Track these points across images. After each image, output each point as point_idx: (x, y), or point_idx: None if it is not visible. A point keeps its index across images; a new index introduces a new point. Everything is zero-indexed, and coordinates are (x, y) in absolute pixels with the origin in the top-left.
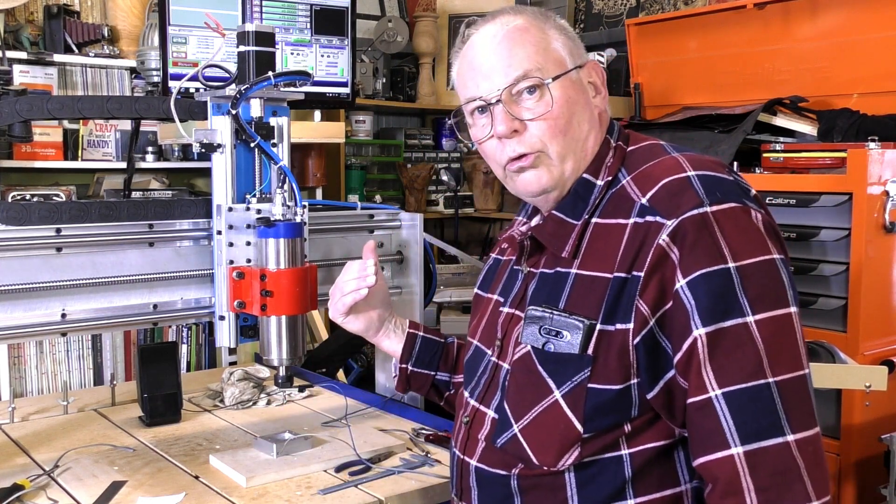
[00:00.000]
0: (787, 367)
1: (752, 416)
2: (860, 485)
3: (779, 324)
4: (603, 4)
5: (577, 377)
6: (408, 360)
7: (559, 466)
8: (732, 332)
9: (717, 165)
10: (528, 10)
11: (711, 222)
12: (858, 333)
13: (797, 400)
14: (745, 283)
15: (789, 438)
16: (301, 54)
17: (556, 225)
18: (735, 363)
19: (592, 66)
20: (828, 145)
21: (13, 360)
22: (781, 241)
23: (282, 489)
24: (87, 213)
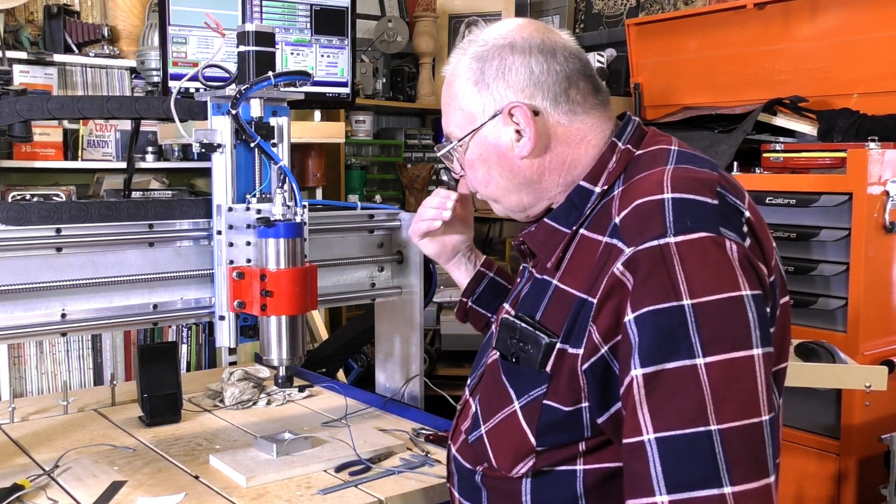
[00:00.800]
0: (736, 415)
1: (685, 464)
2: (860, 485)
3: (734, 367)
4: (603, 4)
5: (534, 392)
6: (470, 295)
7: (513, 474)
8: (674, 375)
9: (701, 186)
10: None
11: (671, 255)
12: (858, 333)
13: (744, 450)
14: (700, 322)
15: (726, 491)
16: (301, 54)
17: (548, 233)
18: (674, 407)
19: (512, 108)
20: (828, 145)
21: (13, 360)
22: (759, 276)
23: (282, 489)
24: (87, 213)
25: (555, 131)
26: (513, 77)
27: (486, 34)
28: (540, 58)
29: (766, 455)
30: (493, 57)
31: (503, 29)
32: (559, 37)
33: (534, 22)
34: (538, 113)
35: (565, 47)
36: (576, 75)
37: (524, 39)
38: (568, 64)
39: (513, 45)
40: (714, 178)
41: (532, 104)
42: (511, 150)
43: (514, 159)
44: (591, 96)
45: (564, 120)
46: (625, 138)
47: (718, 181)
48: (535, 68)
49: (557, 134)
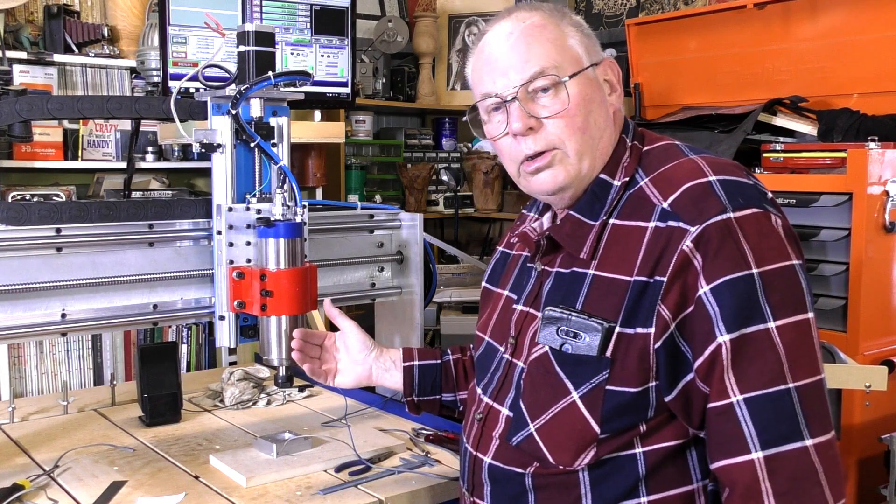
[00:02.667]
0: (806, 373)
1: (773, 421)
2: (860, 485)
3: (799, 329)
4: (603, 4)
5: (595, 379)
6: (411, 392)
7: (575, 466)
8: (755, 338)
9: (736, 169)
10: (544, 6)
11: (735, 228)
12: (858, 333)
13: (816, 404)
14: (768, 289)
15: (808, 443)
16: (301, 54)
17: (574, 225)
18: (757, 369)
19: (609, 63)
20: (828, 145)
21: (13, 360)
22: (799, 247)
23: (282, 489)
24: (87, 213)
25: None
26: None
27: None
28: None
29: (828, 409)
30: (583, 24)
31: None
32: None
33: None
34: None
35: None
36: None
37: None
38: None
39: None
40: (739, 164)
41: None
42: (606, 99)
43: (608, 108)
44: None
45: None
46: (630, 136)
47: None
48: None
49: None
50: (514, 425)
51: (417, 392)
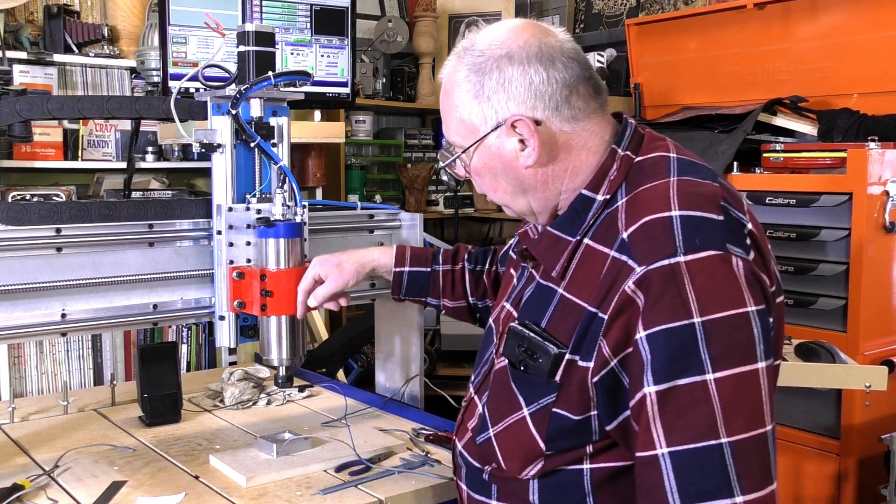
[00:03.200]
0: (744, 427)
1: (699, 477)
2: (860, 485)
3: (740, 382)
4: (603, 4)
5: (543, 400)
6: (398, 293)
7: (522, 476)
8: (687, 390)
9: (708, 202)
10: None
11: (682, 274)
12: (858, 333)
13: (753, 460)
14: (710, 338)
15: (737, 500)
16: (301, 54)
17: (551, 241)
18: (686, 422)
19: (514, 121)
20: (828, 145)
21: (13, 360)
22: (764, 290)
23: (282, 489)
24: (87, 213)
25: (558, 139)
26: (513, 89)
27: (482, 42)
28: (539, 67)
29: (771, 463)
30: (491, 69)
31: (499, 36)
32: (556, 38)
33: (529, 24)
34: (540, 123)
35: (563, 51)
36: (575, 80)
37: (521, 48)
38: (567, 70)
39: (510, 56)
40: (717, 192)
41: (533, 115)
42: (515, 160)
43: (519, 168)
44: (591, 100)
45: (567, 127)
46: (624, 144)
47: (721, 194)
48: (534, 78)
49: (560, 142)
50: (480, 426)
51: (404, 293)
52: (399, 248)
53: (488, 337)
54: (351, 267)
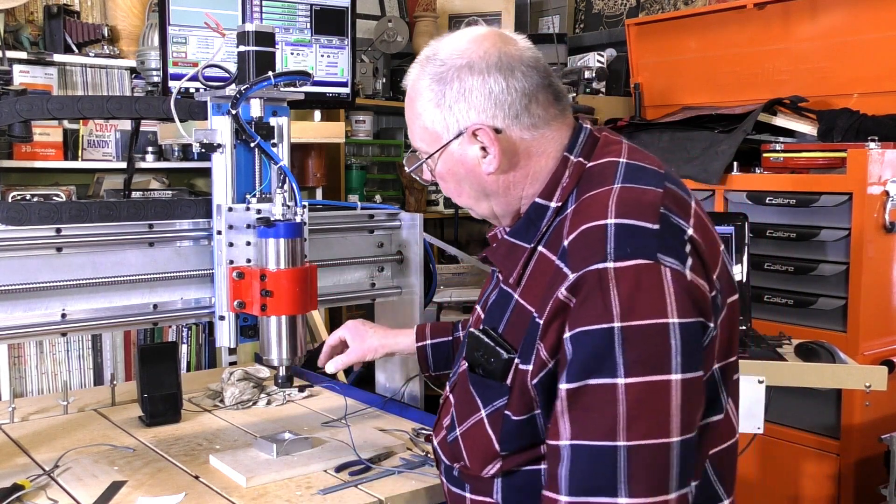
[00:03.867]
0: (645, 434)
1: (589, 473)
2: (860, 485)
3: (651, 390)
4: (603, 4)
5: (497, 402)
6: (427, 369)
7: (483, 475)
8: (596, 391)
9: (644, 210)
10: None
11: (609, 279)
12: (858, 333)
13: (647, 467)
14: (626, 344)
15: (619, 501)
16: (301, 54)
17: (508, 249)
18: (591, 420)
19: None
20: (828, 145)
21: (13, 360)
22: (695, 303)
23: (282, 489)
24: (87, 213)
25: (518, 147)
26: (473, 98)
27: (444, 52)
28: (499, 76)
29: (671, 475)
30: (452, 79)
31: (460, 46)
32: (516, 47)
33: (491, 34)
34: (500, 131)
35: (522, 60)
36: (535, 89)
37: (481, 58)
38: (527, 79)
39: (471, 66)
40: (657, 199)
41: (493, 124)
42: (478, 166)
43: (482, 174)
44: (552, 106)
45: (527, 135)
46: (577, 150)
47: (662, 201)
48: (494, 88)
49: (521, 149)
50: (450, 425)
51: (433, 368)
52: (419, 326)
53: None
54: (373, 343)
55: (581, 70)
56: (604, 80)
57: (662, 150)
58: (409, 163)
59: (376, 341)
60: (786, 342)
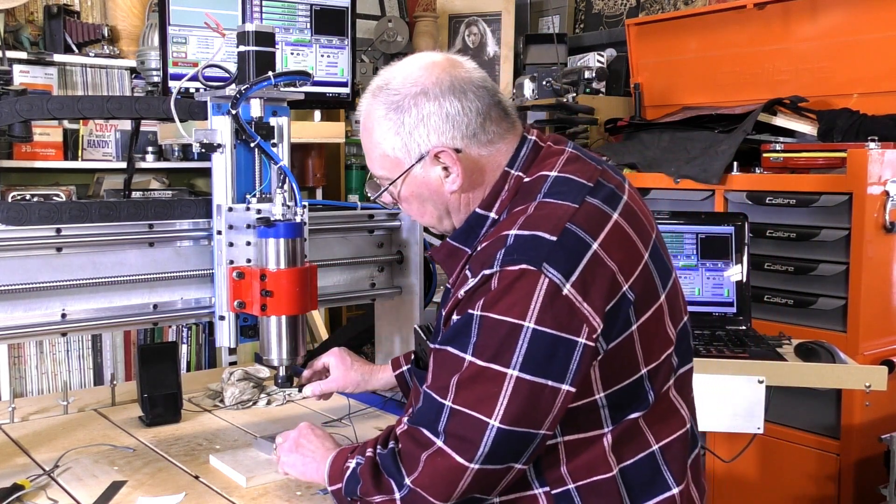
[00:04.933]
0: (467, 405)
1: (424, 412)
2: (860, 485)
3: (484, 375)
4: (603, 4)
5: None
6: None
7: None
8: (447, 356)
9: (547, 223)
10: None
11: (491, 280)
12: (858, 333)
13: (462, 431)
14: (480, 331)
15: (438, 441)
16: (301, 54)
17: (449, 251)
18: (438, 375)
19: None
20: (828, 145)
21: (13, 360)
22: (571, 313)
23: (282, 489)
24: (87, 213)
25: (477, 163)
26: (432, 122)
27: (396, 81)
28: (453, 99)
29: (479, 447)
30: (409, 107)
31: (412, 74)
32: (465, 69)
33: (439, 60)
34: (460, 150)
35: (473, 81)
36: (487, 107)
37: (435, 84)
38: (479, 99)
39: (426, 92)
40: (566, 214)
41: (453, 144)
42: (441, 186)
43: (445, 193)
44: (503, 122)
45: (484, 151)
46: (517, 164)
47: (572, 216)
48: (450, 110)
49: (480, 165)
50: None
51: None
52: (393, 359)
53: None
54: (355, 378)
55: (581, 70)
56: (604, 80)
57: (662, 150)
58: (371, 190)
59: (358, 376)
60: (786, 342)
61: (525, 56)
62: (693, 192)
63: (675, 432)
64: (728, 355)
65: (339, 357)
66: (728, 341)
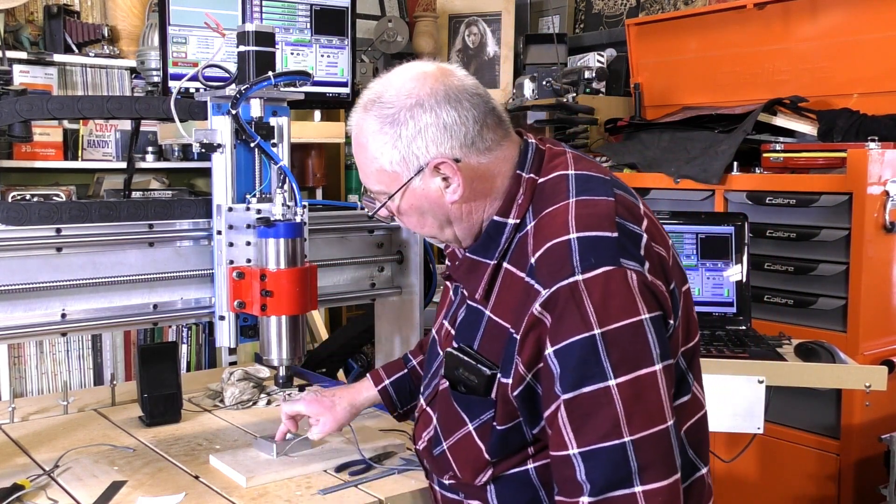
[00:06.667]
0: (645, 426)
1: (605, 471)
2: (860, 485)
3: (638, 385)
4: (603, 4)
5: (484, 416)
6: (395, 409)
7: (476, 483)
8: (592, 396)
9: (601, 221)
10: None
11: (580, 291)
12: (858, 333)
13: (653, 454)
14: (609, 347)
15: (636, 490)
16: (301, 54)
17: (470, 266)
18: (593, 424)
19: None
20: (828, 145)
21: (13, 360)
22: (657, 298)
23: (282, 489)
24: (87, 213)
25: (476, 171)
26: (430, 134)
27: (388, 94)
28: (449, 109)
29: (673, 455)
30: (405, 120)
31: (404, 85)
32: (457, 78)
33: (430, 70)
34: (459, 160)
35: (466, 89)
36: (483, 115)
37: (429, 94)
38: (475, 107)
39: (421, 103)
40: (611, 209)
41: (452, 154)
42: (441, 197)
43: (445, 204)
44: (498, 128)
45: (483, 159)
46: (527, 167)
47: (615, 211)
48: (447, 120)
49: (479, 173)
50: (435, 439)
51: (400, 405)
52: (372, 372)
53: (433, 348)
54: (343, 410)
55: (581, 70)
56: (604, 80)
57: (662, 150)
58: (368, 205)
59: (346, 404)
60: (786, 342)
61: (525, 56)
62: (693, 192)
63: (696, 414)
64: (728, 355)
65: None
66: (728, 341)
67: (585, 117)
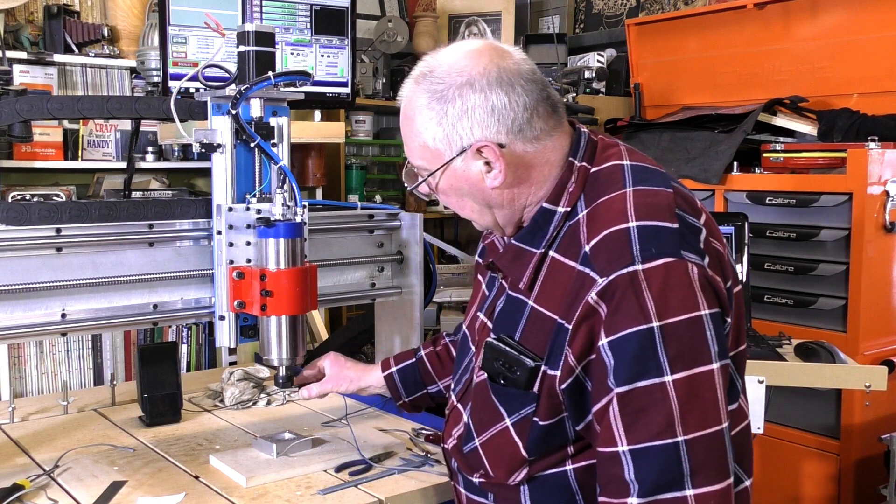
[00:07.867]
0: (698, 426)
1: (655, 472)
2: (860, 485)
3: (695, 383)
4: (603, 4)
5: (524, 410)
6: (399, 396)
7: (510, 482)
8: (647, 392)
9: (661, 211)
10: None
11: (640, 281)
12: (858, 333)
13: (706, 457)
14: (667, 341)
15: (687, 493)
16: (301, 54)
17: (515, 254)
18: (646, 421)
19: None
20: (828, 145)
21: (13, 360)
22: (718, 293)
23: (282, 489)
24: (87, 213)
25: (522, 159)
26: (476, 115)
27: (441, 69)
28: (500, 92)
29: (727, 459)
30: (453, 97)
31: (458, 62)
32: (513, 60)
33: (487, 48)
34: (504, 146)
35: (521, 74)
36: (535, 102)
37: (481, 74)
38: (528, 94)
39: (472, 83)
40: (671, 200)
41: (497, 139)
42: (482, 181)
43: (486, 189)
44: (550, 118)
45: (530, 147)
46: (580, 155)
47: (675, 201)
48: (496, 104)
49: (524, 161)
50: (466, 436)
51: (405, 394)
52: (384, 359)
53: (464, 344)
54: (350, 374)
55: (581, 70)
56: (604, 80)
57: (662, 150)
58: (408, 180)
59: (352, 373)
60: (786, 342)
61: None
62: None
63: (741, 423)
64: None
65: (333, 359)
66: None
67: (585, 117)
